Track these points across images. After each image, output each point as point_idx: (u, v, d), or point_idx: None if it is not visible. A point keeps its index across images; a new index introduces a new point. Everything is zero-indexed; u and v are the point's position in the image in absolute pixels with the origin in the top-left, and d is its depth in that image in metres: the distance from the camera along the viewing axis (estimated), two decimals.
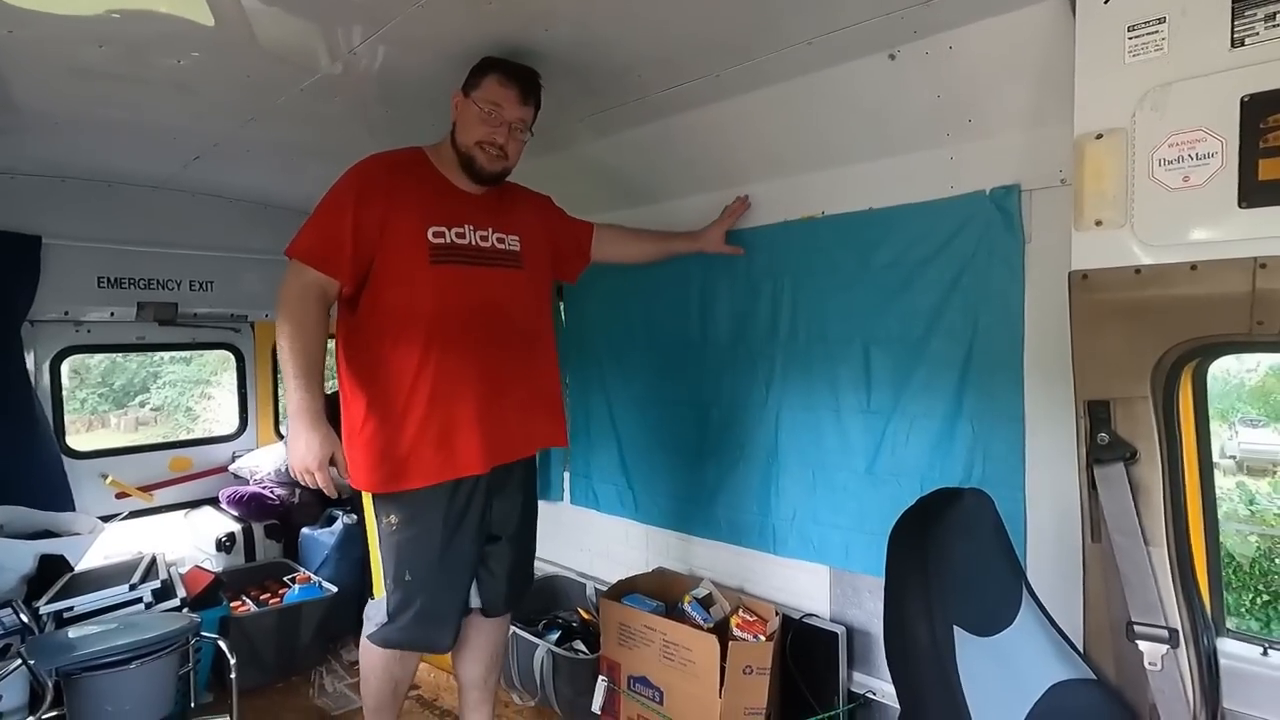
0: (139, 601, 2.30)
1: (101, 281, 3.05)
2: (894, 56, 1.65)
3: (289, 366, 1.58)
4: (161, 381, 12.27)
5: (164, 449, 3.50)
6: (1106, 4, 1.24)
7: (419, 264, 1.67)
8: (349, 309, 1.72)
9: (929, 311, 1.88)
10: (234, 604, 2.73)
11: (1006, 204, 1.71)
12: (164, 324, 3.24)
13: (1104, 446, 1.28)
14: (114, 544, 2.90)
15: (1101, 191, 1.26)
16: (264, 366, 3.64)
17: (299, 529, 3.27)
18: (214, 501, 3.44)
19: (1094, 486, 1.29)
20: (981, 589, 1.19)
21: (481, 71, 1.69)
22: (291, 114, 2.10)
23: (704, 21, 1.57)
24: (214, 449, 3.59)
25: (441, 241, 1.69)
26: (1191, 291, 1.17)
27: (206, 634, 2.15)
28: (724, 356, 2.35)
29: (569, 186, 2.27)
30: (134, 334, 3.24)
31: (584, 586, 2.78)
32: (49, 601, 2.21)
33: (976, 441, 1.81)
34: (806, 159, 2.05)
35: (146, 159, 2.67)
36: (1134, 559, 1.25)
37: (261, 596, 2.88)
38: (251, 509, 3.27)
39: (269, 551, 3.23)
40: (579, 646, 2.42)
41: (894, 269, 1.93)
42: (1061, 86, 1.36)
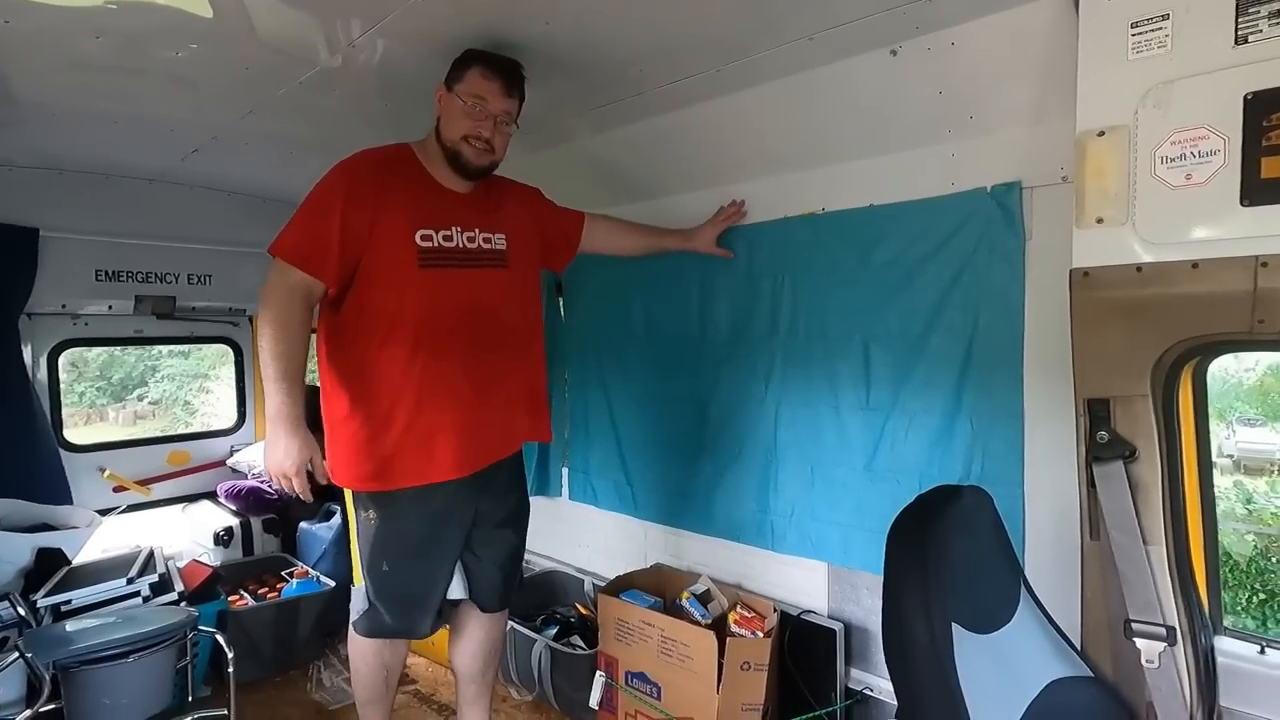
0: (137, 595, 2.30)
1: (99, 274, 3.04)
2: (895, 52, 1.64)
3: (270, 369, 1.56)
4: (159, 375, 12.23)
5: (162, 443, 3.50)
6: (1110, 0, 1.24)
7: (407, 267, 1.65)
8: (332, 307, 1.70)
9: (929, 308, 1.87)
10: (232, 598, 2.73)
11: (1007, 201, 1.71)
12: (162, 317, 3.24)
13: (1103, 445, 1.28)
14: (112, 538, 2.90)
15: (1103, 189, 1.25)
16: None
17: (297, 523, 3.27)
18: (212, 495, 3.44)
19: (1093, 484, 1.29)
20: (980, 586, 1.19)
21: (464, 64, 1.66)
22: (290, 107, 2.09)
23: (704, 17, 1.56)
24: (212, 443, 3.60)
25: (429, 245, 1.67)
26: (1193, 290, 1.17)
27: (204, 628, 2.16)
28: (723, 353, 2.34)
29: (567, 182, 2.26)
30: (132, 327, 3.25)
31: (582, 582, 2.78)
32: (46, 595, 2.21)
33: (976, 439, 1.81)
34: (807, 155, 2.04)
35: (145, 151, 2.66)
36: (1132, 557, 1.25)
37: (259, 590, 2.88)
38: (250, 503, 3.27)
39: (267, 546, 3.24)
40: (577, 642, 2.43)
41: (894, 266, 1.93)
42: (1064, 83, 1.36)
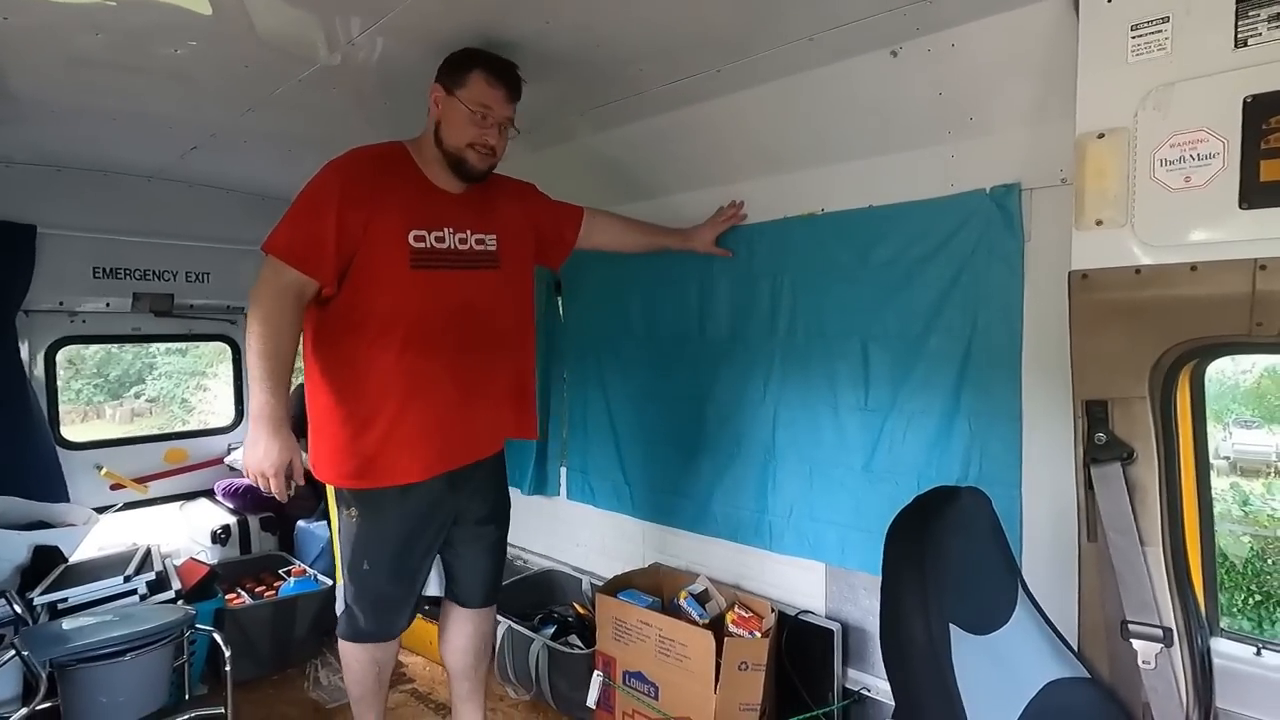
0: (133, 593, 2.30)
1: (97, 272, 3.04)
2: (896, 53, 1.64)
3: (257, 369, 1.55)
4: (157, 373, 12.20)
5: (159, 441, 3.49)
6: (1110, 3, 1.24)
7: (399, 268, 1.65)
8: (320, 304, 1.69)
9: (928, 309, 1.87)
10: (229, 596, 2.73)
11: (1007, 203, 1.71)
12: (160, 315, 3.23)
13: (1101, 446, 1.28)
14: (108, 535, 2.90)
15: (1102, 191, 1.26)
16: None
17: (294, 522, 3.27)
18: (209, 493, 3.44)
19: (1090, 486, 1.29)
20: (978, 587, 1.19)
21: (463, 68, 1.65)
22: (289, 104, 2.08)
23: (704, 17, 1.56)
24: (209, 441, 3.59)
25: (422, 246, 1.67)
26: (1191, 292, 1.17)
27: (201, 626, 2.16)
28: (722, 352, 2.34)
29: (568, 180, 2.26)
30: (129, 325, 3.24)
31: (580, 581, 2.78)
32: (43, 593, 2.20)
33: (974, 440, 1.82)
34: (807, 155, 2.04)
35: (143, 149, 2.65)
36: (1129, 558, 1.25)
37: (257, 589, 2.87)
38: (247, 501, 3.26)
39: (264, 544, 3.24)
40: (575, 641, 2.43)
41: (893, 266, 1.93)
42: (1063, 85, 1.36)
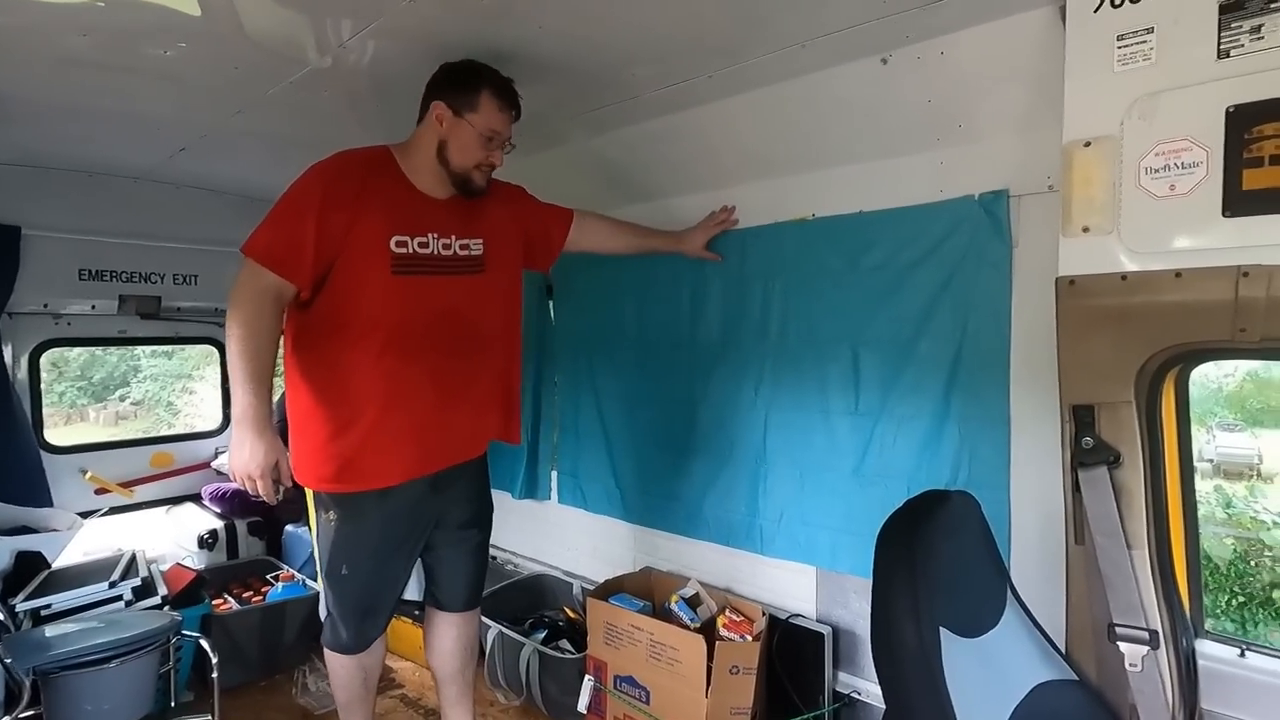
0: (119, 599, 2.27)
1: (83, 274, 3.00)
2: (886, 60, 1.66)
3: (238, 371, 1.54)
4: (142, 375, 12.04)
5: (145, 444, 3.46)
6: (1096, 13, 1.26)
7: (380, 273, 1.64)
8: (301, 307, 1.69)
9: (917, 314, 1.89)
10: (216, 602, 2.70)
11: (995, 209, 1.73)
12: (146, 317, 3.20)
13: (1088, 450, 1.30)
14: (93, 541, 2.86)
15: (1089, 198, 1.27)
16: None
17: (282, 526, 3.24)
18: (196, 498, 3.41)
19: (1078, 489, 1.31)
20: (967, 591, 1.20)
21: (473, 90, 1.65)
22: (280, 106, 2.07)
23: (697, 22, 1.57)
24: (196, 445, 3.55)
25: (404, 251, 1.66)
26: (1176, 298, 1.19)
27: (188, 632, 2.13)
28: (714, 356, 2.35)
29: (561, 183, 2.26)
30: (115, 327, 3.20)
31: (571, 585, 2.77)
32: (26, 599, 2.17)
33: (963, 443, 1.83)
34: (798, 161, 2.06)
35: (131, 150, 2.63)
36: (1116, 561, 1.27)
37: (244, 594, 2.85)
38: (234, 506, 3.23)
39: (252, 549, 3.21)
40: (565, 646, 2.42)
41: (883, 272, 1.95)
42: (1051, 94, 1.38)
